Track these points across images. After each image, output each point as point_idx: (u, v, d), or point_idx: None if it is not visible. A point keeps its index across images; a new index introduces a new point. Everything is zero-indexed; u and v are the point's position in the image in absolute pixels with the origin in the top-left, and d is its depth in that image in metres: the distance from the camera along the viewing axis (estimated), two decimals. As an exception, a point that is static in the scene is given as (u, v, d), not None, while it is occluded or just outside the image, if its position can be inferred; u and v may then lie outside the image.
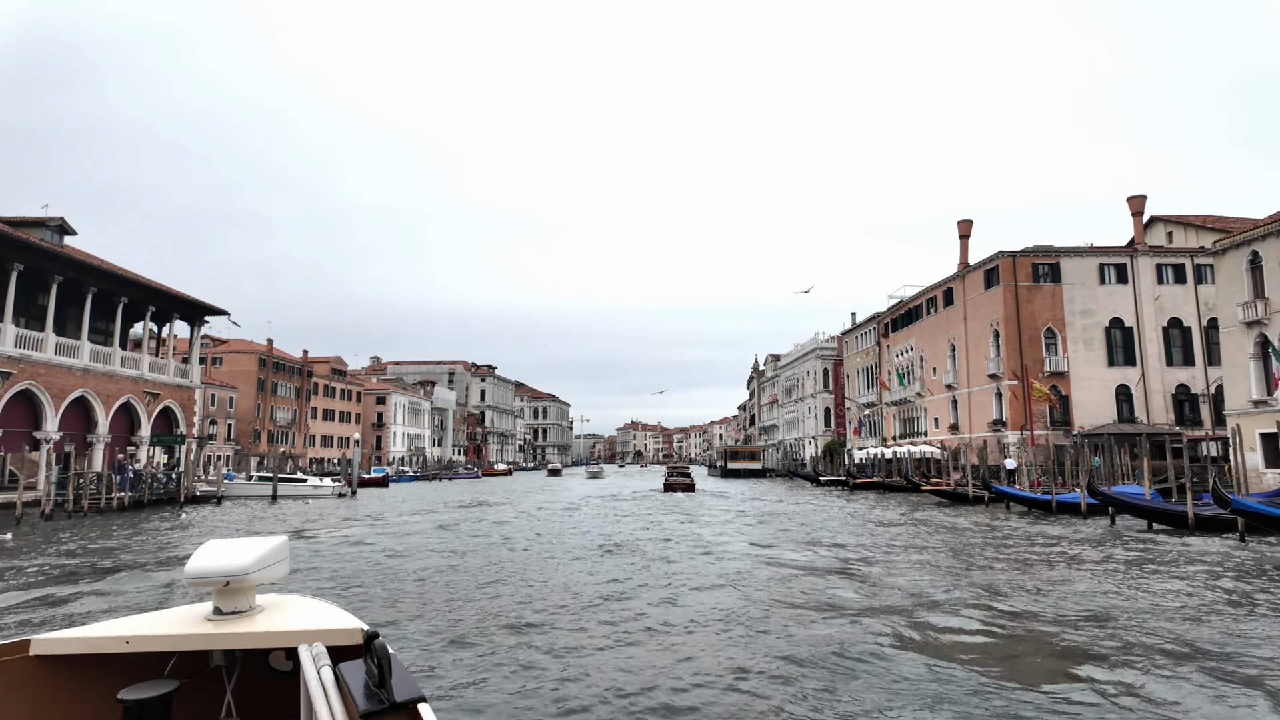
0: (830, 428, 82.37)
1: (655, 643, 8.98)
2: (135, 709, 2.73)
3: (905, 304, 59.65)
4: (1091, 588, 12.58)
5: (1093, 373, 44.09)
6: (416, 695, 2.24)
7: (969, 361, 48.78)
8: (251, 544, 3.11)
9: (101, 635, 2.88)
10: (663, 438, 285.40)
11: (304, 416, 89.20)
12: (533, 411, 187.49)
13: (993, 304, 46.06)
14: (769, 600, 11.54)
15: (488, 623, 9.97)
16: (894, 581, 13.20)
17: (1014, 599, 11.66)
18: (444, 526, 22.97)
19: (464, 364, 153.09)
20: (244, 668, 3.16)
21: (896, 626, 9.72)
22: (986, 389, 46.53)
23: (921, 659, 8.14)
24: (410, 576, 13.97)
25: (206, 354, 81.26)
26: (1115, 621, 10.07)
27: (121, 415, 37.26)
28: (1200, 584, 12.97)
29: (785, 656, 8.26)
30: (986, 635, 9.42)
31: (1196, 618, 10.31)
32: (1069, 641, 9.06)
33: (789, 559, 16.25)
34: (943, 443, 51.80)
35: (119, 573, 14.49)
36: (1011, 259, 45.15)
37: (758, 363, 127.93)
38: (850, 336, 74.09)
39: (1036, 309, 44.82)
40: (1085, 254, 45.27)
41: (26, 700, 2.82)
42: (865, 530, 21.94)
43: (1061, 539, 19.66)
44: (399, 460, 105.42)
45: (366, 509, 33.21)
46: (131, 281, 36.35)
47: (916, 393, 56.36)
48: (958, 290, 50.48)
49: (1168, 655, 8.38)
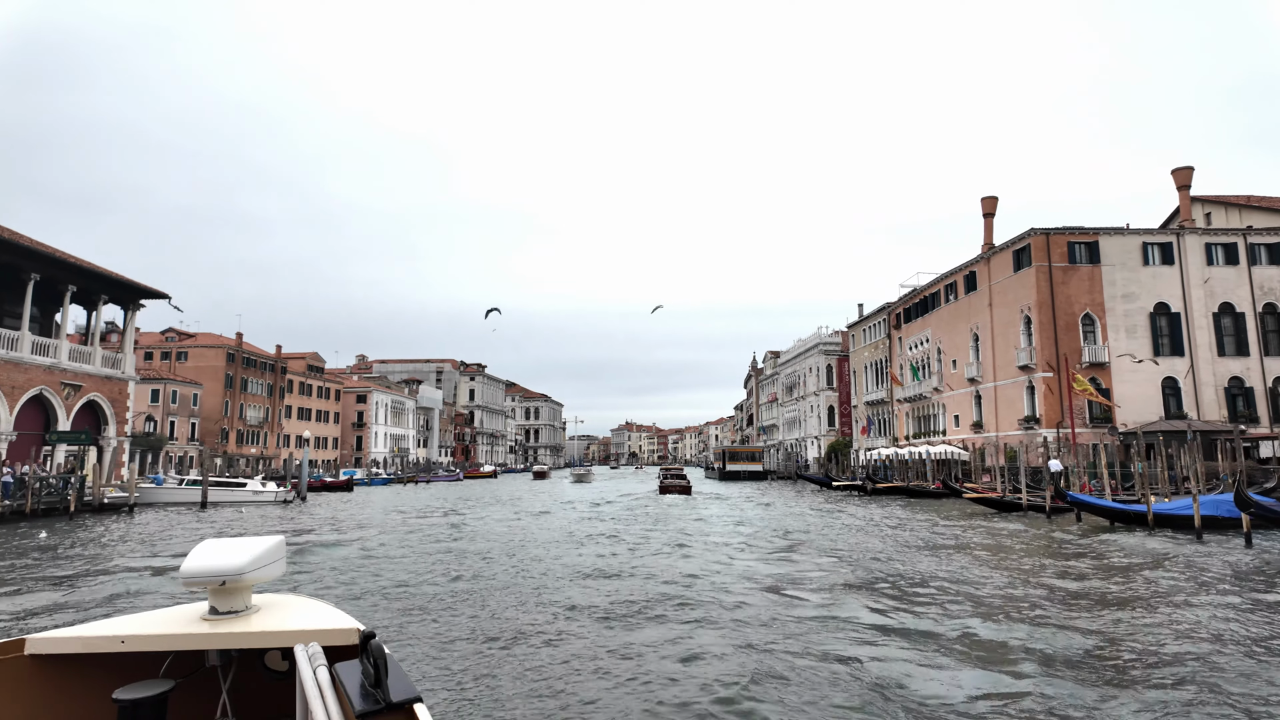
0: (834, 427, 77.69)
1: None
2: (130, 709, 2.71)
3: (920, 292, 54.98)
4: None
5: (1136, 364, 39.50)
6: (412, 695, 2.23)
7: (995, 352, 44.13)
8: (247, 543, 3.09)
9: (97, 635, 2.88)
10: (658, 439, 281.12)
11: (277, 415, 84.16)
12: (524, 412, 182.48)
13: (1023, 287, 41.42)
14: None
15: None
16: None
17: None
18: (367, 553, 17.66)
19: (452, 362, 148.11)
20: (240, 668, 3.16)
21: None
22: (1016, 382, 41.88)
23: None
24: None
25: (171, 348, 76.31)
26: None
27: (34, 410, 32.37)
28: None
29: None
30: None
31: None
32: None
33: (861, 623, 9.88)
34: (965, 442, 47.16)
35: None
36: (1045, 237, 40.53)
37: (756, 360, 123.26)
38: (857, 329, 69.41)
39: (1073, 292, 40.21)
40: (1127, 233, 40.68)
41: (21, 700, 2.82)
42: (929, 556, 16.80)
43: (1250, 575, 13.58)
44: (380, 462, 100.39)
45: (309, 519, 28.37)
46: (41, 255, 31.43)
47: (934, 388, 51.69)
48: (982, 274, 45.83)
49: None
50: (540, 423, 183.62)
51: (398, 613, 10.61)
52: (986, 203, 46.64)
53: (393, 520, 27.22)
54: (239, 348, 77.96)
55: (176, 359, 75.90)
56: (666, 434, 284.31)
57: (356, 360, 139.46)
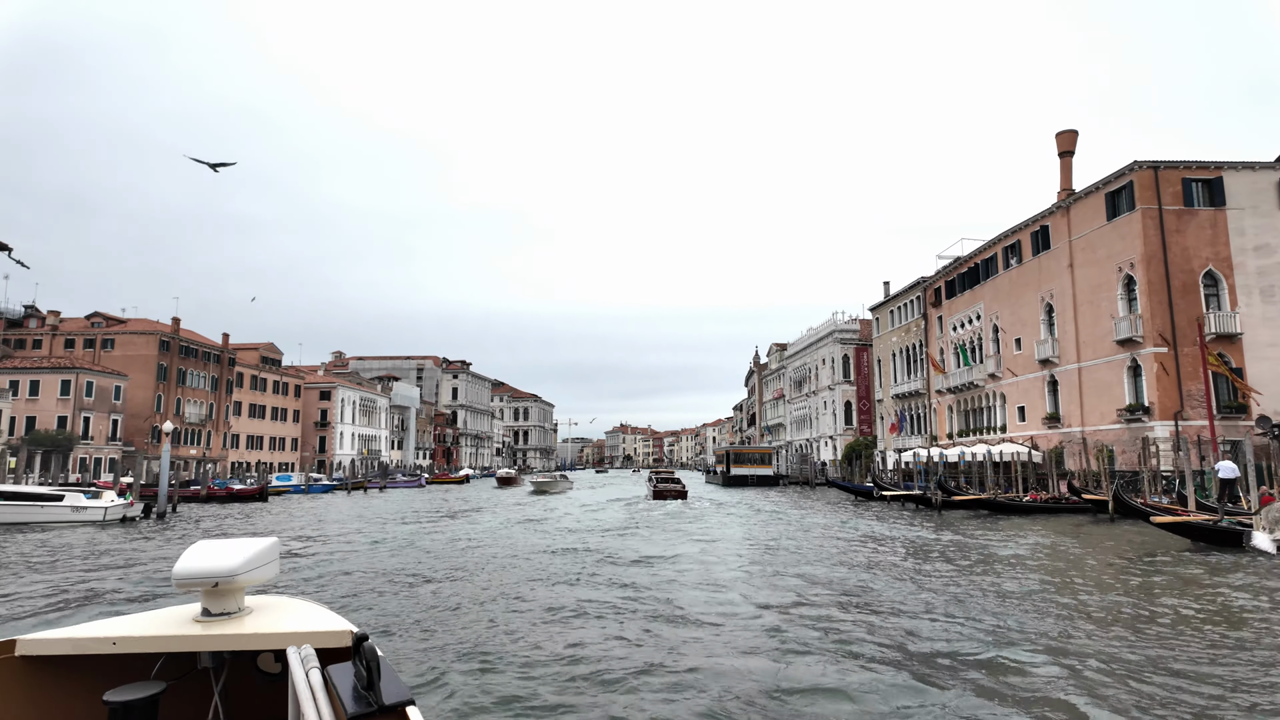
0: (852, 425, 68.40)
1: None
2: (121, 711, 2.67)
3: (966, 260, 45.66)
4: None
5: (1276, 335, 30.30)
6: (405, 698, 2.21)
7: (1078, 325, 34.81)
8: (241, 545, 3.05)
9: (88, 636, 2.84)
10: (653, 441, 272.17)
11: (222, 412, 74.49)
12: (513, 413, 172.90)
13: (1123, 238, 32.14)
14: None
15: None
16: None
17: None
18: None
19: (434, 359, 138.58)
20: (232, 669, 3.10)
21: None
22: (1112, 361, 32.56)
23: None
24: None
25: (96, 335, 66.65)
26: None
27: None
28: None
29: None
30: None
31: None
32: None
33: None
34: (1032, 440, 37.84)
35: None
36: (1152, 172, 31.26)
37: (758, 356, 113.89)
38: (882, 311, 60.02)
39: (1190, 244, 30.97)
40: (1259, 168, 31.46)
41: (12, 701, 2.79)
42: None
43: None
44: (346, 465, 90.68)
45: (138, 552, 18.85)
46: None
47: (989, 374, 42.32)
48: (1057, 227, 36.50)
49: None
50: (530, 424, 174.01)
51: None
52: (1063, 139, 37.28)
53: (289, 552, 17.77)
54: (175, 334, 68.31)
55: (102, 347, 66.26)
56: (662, 436, 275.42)
57: (333, 357, 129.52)
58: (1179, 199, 31.10)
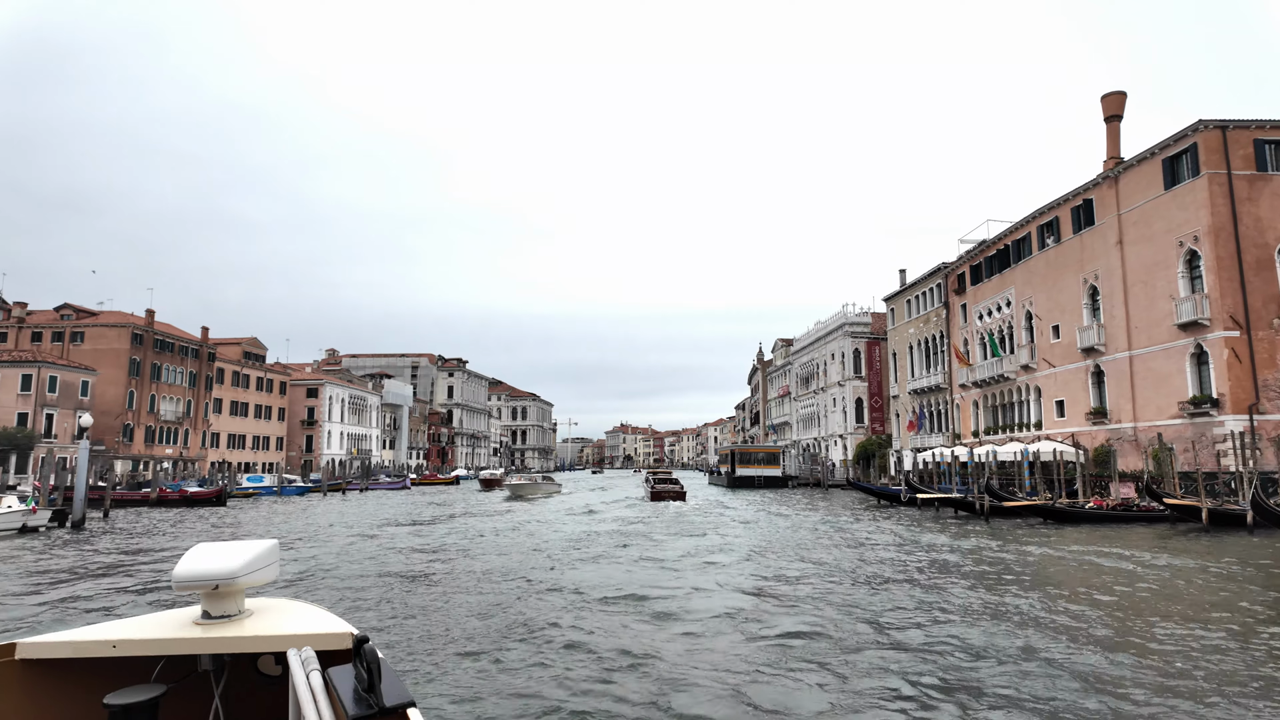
0: (863, 423, 64.70)
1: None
2: (122, 714, 2.65)
3: (995, 242, 41.94)
4: None
5: (1363, 317, 26.61)
6: (406, 700, 2.19)
7: (1129, 309, 31.10)
8: (240, 547, 3.02)
9: (88, 639, 2.82)
10: (654, 441, 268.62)
11: (201, 410, 70.83)
12: (510, 412, 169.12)
13: (1184, 209, 28.44)
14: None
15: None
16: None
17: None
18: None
19: (430, 357, 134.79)
20: (232, 672, 3.05)
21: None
22: (1172, 348, 28.86)
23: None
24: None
25: (65, 327, 62.97)
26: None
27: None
28: None
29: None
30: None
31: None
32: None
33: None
34: (1073, 438, 34.15)
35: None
36: (1220, 133, 27.57)
37: (762, 352, 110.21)
38: (898, 301, 56.29)
39: (1264, 213, 27.29)
40: (1339, 126, 27.78)
41: (12, 705, 2.77)
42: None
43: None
44: (334, 464, 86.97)
45: (34, 568, 15.19)
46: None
47: (1022, 365, 38.59)
48: (1104, 200, 32.79)
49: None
50: (528, 423, 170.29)
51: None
52: (1110, 102, 33.51)
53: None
54: (149, 327, 64.61)
55: (71, 340, 62.56)
56: (663, 436, 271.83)
57: (326, 354, 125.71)
58: (1250, 163, 27.42)
